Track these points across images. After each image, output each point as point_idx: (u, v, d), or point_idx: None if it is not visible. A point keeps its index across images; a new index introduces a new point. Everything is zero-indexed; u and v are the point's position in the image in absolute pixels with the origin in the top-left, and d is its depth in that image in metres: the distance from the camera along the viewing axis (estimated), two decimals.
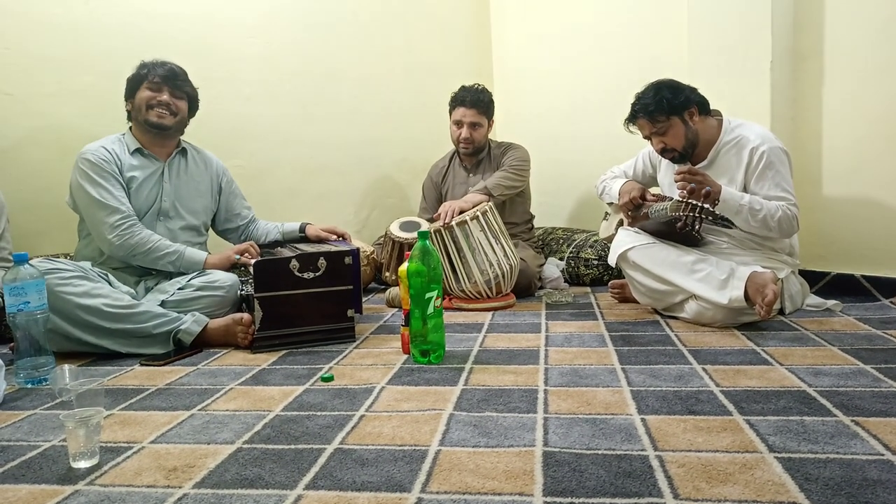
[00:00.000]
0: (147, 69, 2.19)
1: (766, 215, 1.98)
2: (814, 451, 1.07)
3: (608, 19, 3.27)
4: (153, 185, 2.22)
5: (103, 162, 2.11)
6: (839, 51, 2.45)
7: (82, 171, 2.11)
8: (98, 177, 2.10)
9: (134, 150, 2.20)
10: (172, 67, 2.22)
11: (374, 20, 3.48)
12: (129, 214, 2.12)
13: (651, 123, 2.13)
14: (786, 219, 2.00)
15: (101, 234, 2.10)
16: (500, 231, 2.54)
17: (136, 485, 1.06)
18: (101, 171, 2.10)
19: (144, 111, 2.17)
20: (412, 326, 1.74)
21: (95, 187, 2.09)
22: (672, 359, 1.68)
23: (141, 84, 2.18)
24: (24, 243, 2.34)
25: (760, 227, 2.01)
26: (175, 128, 2.24)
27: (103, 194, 2.09)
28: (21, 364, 1.69)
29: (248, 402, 1.46)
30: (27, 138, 2.49)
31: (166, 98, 2.18)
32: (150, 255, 2.12)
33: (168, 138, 2.26)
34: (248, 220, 2.51)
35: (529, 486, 0.99)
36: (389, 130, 3.56)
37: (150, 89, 2.18)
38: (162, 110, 2.18)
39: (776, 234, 2.05)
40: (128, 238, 2.09)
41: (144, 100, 2.17)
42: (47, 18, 2.51)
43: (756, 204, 1.99)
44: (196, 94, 2.31)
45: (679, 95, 2.11)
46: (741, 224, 2.01)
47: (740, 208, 1.98)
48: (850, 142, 2.45)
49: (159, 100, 2.17)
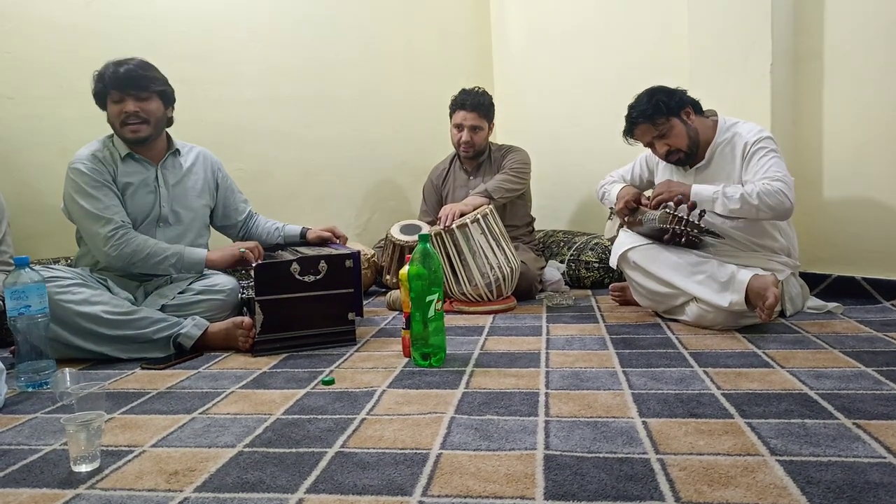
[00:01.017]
0: (104, 82, 2.05)
1: (743, 194, 1.95)
2: (815, 454, 1.07)
3: (609, 22, 3.27)
4: (149, 191, 2.15)
5: (95, 171, 2.05)
6: (840, 53, 2.45)
7: (74, 183, 2.05)
8: (90, 188, 2.04)
9: (125, 156, 2.13)
10: (129, 69, 2.04)
11: (374, 22, 3.49)
12: (122, 224, 2.06)
13: (653, 127, 2.13)
14: (767, 192, 1.93)
15: (97, 245, 2.06)
16: (501, 234, 2.54)
17: (137, 488, 1.06)
18: (93, 182, 2.04)
19: (119, 128, 2.08)
20: (413, 329, 1.74)
21: (88, 199, 2.04)
22: (673, 361, 1.68)
23: (105, 99, 2.08)
24: (25, 246, 2.35)
25: (745, 209, 1.96)
26: (155, 134, 2.13)
27: (96, 205, 2.04)
28: (22, 368, 1.69)
29: (249, 405, 1.46)
30: (28, 142, 2.50)
31: (132, 108, 2.04)
32: (149, 260, 2.08)
33: (154, 142, 2.16)
34: (247, 216, 2.47)
35: (531, 490, 0.99)
36: (390, 133, 3.57)
37: (115, 102, 2.06)
38: (134, 125, 2.06)
39: (767, 214, 1.97)
40: (123, 247, 2.04)
41: (115, 115, 2.07)
42: (48, 22, 2.52)
43: (730, 189, 1.99)
44: (165, 82, 2.14)
45: (673, 97, 2.13)
46: (721, 210, 2.00)
47: (714, 195, 1.99)
48: (850, 144, 2.45)
49: (126, 112, 2.04)
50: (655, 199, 2.11)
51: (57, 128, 2.54)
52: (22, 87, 2.48)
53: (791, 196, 1.96)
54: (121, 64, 2.05)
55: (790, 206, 1.97)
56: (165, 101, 2.14)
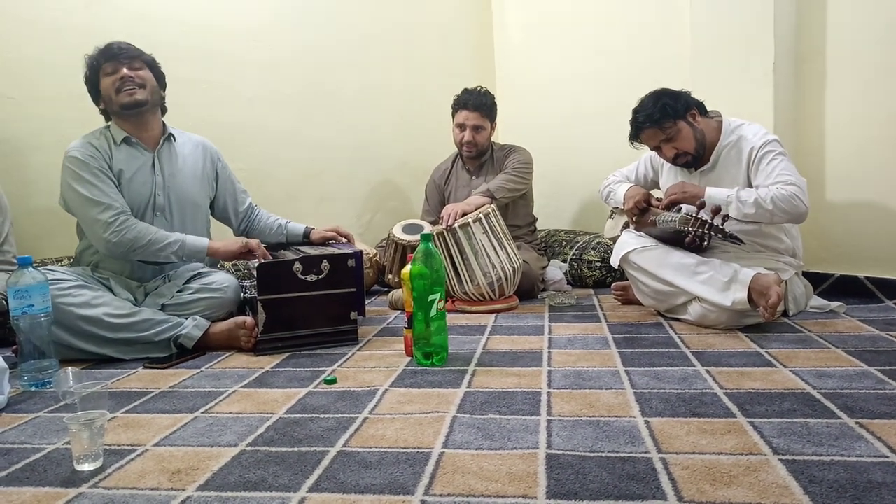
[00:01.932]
0: (94, 60, 2.07)
1: (757, 198, 1.95)
2: (818, 454, 1.07)
3: (611, 22, 3.27)
4: (145, 179, 2.10)
5: (91, 158, 2.02)
6: (842, 53, 2.45)
7: (70, 171, 2.02)
8: (87, 174, 2.01)
9: (121, 141, 2.09)
10: (118, 44, 2.06)
11: (376, 23, 3.49)
12: (122, 210, 2.02)
13: (661, 131, 2.12)
14: (782, 197, 1.93)
15: (96, 232, 2.01)
16: (503, 233, 2.54)
17: (140, 487, 1.06)
18: (89, 168, 2.01)
19: (115, 97, 2.05)
20: (415, 329, 1.74)
21: (85, 185, 2.00)
22: (675, 361, 1.67)
23: (98, 76, 2.07)
24: (27, 247, 2.35)
25: (759, 213, 1.96)
26: (151, 101, 2.09)
27: (93, 192, 2.00)
28: (25, 367, 1.69)
29: (252, 404, 1.46)
30: (29, 142, 2.50)
31: (126, 72, 2.04)
32: (151, 247, 2.02)
33: (149, 117, 2.13)
34: (248, 207, 2.43)
35: (533, 489, 0.99)
36: (392, 133, 3.56)
37: (108, 73, 2.05)
38: (129, 87, 2.04)
39: (783, 217, 1.97)
40: (124, 233, 1.99)
41: (110, 85, 2.05)
42: (49, 22, 2.52)
43: (744, 193, 1.98)
44: (154, 60, 2.14)
45: (679, 100, 2.12)
46: (735, 214, 1.98)
47: (728, 199, 1.98)
48: (853, 144, 2.45)
49: (121, 77, 2.03)
50: (669, 198, 2.10)
51: (58, 128, 2.54)
52: (23, 87, 2.48)
53: (805, 200, 1.95)
54: (108, 44, 2.07)
55: (805, 210, 1.96)
56: (157, 76, 2.14)
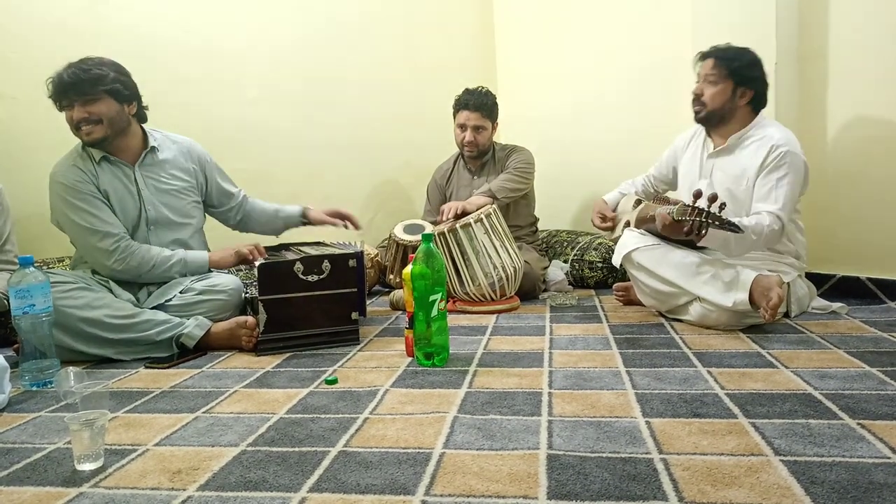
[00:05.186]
0: (51, 93, 1.97)
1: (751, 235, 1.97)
2: (819, 455, 1.07)
3: (613, 21, 3.27)
4: (131, 195, 2.09)
5: (79, 183, 2.00)
6: (844, 52, 2.45)
7: (61, 198, 2.00)
8: (78, 201, 1.99)
9: (100, 160, 2.05)
10: (72, 73, 1.93)
11: (377, 23, 3.49)
12: (121, 235, 2.03)
13: (713, 69, 2.14)
14: (771, 236, 2.02)
15: (98, 260, 2.02)
16: (504, 234, 2.54)
17: (141, 487, 1.06)
18: (78, 194, 1.99)
19: (75, 133, 2.01)
20: (416, 329, 1.74)
21: (79, 213, 2.00)
22: (677, 361, 1.67)
23: (59, 107, 1.99)
24: (29, 247, 2.35)
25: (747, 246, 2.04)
26: (113, 133, 2.01)
27: (89, 220, 2.00)
28: (26, 367, 1.70)
29: (253, 404, 1.46)
30: (31, 141, 2.50)
31: (80, 114, 1.96)
32: (156, 270, 2.06)
33: (120, 140, 2.06)
34: (241, 200, 2.41)
35: (534, 489, 0.99)
36: (393, 133, 3.56)
37: (65, 107, 1.98)
38: (86, 127, 1.97)
39: (760, 246, 2.07)
40: (129, 260, 2.02)
41: (69, 120, 1.99)
42: (52, 22, 2.53)
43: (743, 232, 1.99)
44: (117, 80, 1.99)
45: (753, 71, 2.13)
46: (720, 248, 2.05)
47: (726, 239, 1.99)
48: (855, 144, 2.44)
49: (75, 119, 1.97)
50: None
51: (60, 128, 2.52)
52: (26, 86, 2.48)
53: (781, 233, 2.05)
54: (68, 67, 1.95)
55: (779, 239, 2.10)
56: (119, 99, 2.01)
